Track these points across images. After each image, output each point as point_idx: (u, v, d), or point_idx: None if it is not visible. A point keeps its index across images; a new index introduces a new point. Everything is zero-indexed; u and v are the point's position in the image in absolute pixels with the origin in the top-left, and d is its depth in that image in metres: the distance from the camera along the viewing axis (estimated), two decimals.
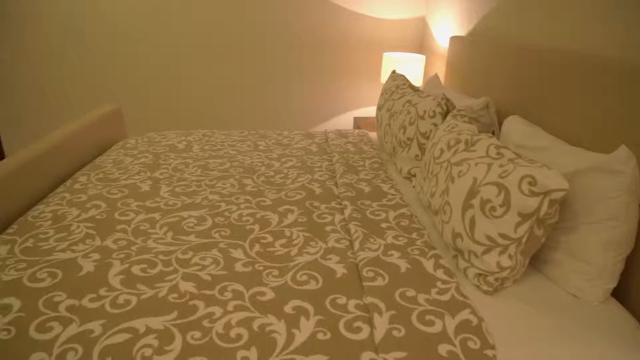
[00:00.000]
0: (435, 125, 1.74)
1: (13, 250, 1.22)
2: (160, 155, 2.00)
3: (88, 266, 1.15)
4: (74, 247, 1.24)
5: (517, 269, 1.12)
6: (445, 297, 1.05)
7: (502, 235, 1.09)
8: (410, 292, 1.07)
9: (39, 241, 1.27)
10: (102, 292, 1.05)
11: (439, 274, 1.14)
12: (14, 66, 3.15)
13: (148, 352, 0.88)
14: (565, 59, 1.48)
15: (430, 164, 1.47)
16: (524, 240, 1.08)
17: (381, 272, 1.14)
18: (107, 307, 1.00)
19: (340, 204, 1.56)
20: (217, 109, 3.34)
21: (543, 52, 1.61)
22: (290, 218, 1.45)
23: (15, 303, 1.01)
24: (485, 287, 1.13)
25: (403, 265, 1.17)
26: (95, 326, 0.94)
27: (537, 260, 1.24)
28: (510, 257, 1.09)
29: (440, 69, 2.87)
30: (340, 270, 1.17)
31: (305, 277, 1.13)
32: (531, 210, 1.04)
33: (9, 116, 3.30)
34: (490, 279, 1.12)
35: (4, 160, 1.56)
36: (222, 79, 3.25)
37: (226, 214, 1.46)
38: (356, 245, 1.26)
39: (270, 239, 1.32)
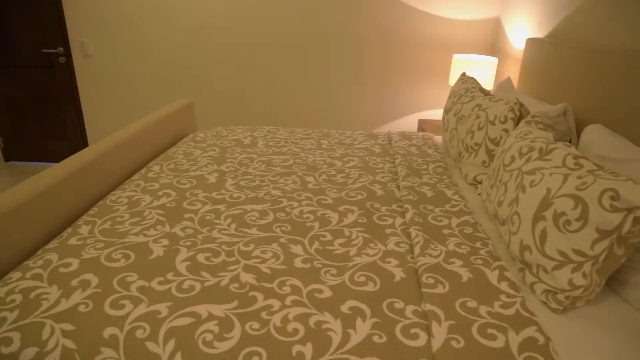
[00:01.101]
0: (506, 131, 1.66)
1: (93, 231, 1.32)
2: (227, 149, 2.08)
3: (158, 251, 1.22)
4: (146, 232, 1.32)
5: (592, 289, 1.05)
6: (509, 312, 1.00)
7: (577, 252, 1.02)
8: (472, 303, 1.03)
9: (115, 224, 1.36)
10: (169, 276, 1.11)
11: (504, 286, 1.09)
12: (104, 62, 3.41)
13: (209, 337, 0.92)
14: None
15: (499, 172, 1.40)
16: (601, 258, 1.00)
17: (441, 279, 1.11)
18: (174, 291, 1.05)
19: (402, 207, 1.53)
20: (282, 107, 3.41)
21: (631, 56, 1.48)
22: (350, 218, 1.44)
23: (93, 279, 1.09)
24: (554, 305, 1.06)
25: (465, 274, 1.13)
26: (162, 308, 0.99)
27: (614, 280, 1.15)
28: (584, 275, 1.02)
29: (513, 73, 2.74)
30: (398, 274, 1.15)
31: (363, 278, 1.12)
32: (612, 226, 0.97)
33: (93, 107, 3.58)
34: (560, 296, 1.05)
35: (86, 148, 1.69)
36: (288, 78, 3.31)
37: (287, 209, 1.49)
38: (416, 250, 1.24)
39: (329, 237, 1.32)
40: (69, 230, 1.33)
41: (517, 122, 1.67)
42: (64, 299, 1.02)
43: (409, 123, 3.40)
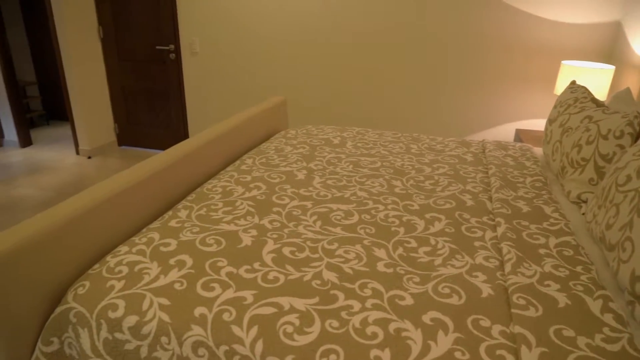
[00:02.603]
0: (622, 147, 1.50)
1: (190, 216, 1.42)
2: (316, 148, 2.12)
3: (247, 240, 1.28)
4: (237, 221, 1.39)
5: None
6: (613, 348, 0.90)
7: None
8: (568, 332, 0.94)
9: (210, 211, 1.45)
10: (256, 265, 1.16)
11: (607, 318, 0.99)
12: (208, 60, 3.66)
13: (290, 329, 0.94)
14: None
15: (610, 191, 1.27)
16: None
17: (534, 302, 1.03)
18: (259, 280, 1.10)
19: (493, 220, 1.45)
20: (372, 109, 3.40)
21: None
22: (437, 226, 1.40)
23: (188, 261, 1.17)
24: None
25: (562, 299, 1.04)
26: (248, 295, 1.04)
27: None
28: None
29: (633, 83, 2.46)
30: (486, 290, 1.09)
31: (447, 290, 1.08)
32: None
33: (196, 101, 3.85)
34: None
35: (189, 139, 1.82)
36: (379, 80, 3.30)
37: (373, 212, 1.48)
38: (507, 267, 1.16)
39: (414, 244, 1.29)
40: (170, 213, 1.45)
41: (635, 138, 1.50)
42: (162, 275, 1.10)
43: (505, 132, 3.21)
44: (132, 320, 0.99)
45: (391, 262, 1.20)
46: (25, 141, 4.32)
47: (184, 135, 4.05)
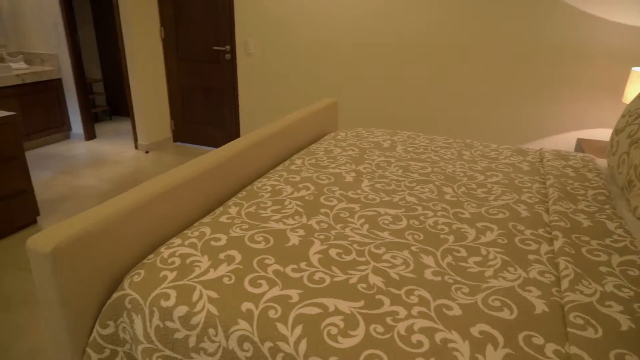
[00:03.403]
0: None
1: (240, 212, 1.45)
2: (366, 151, 2.11)
3: (294, 239, 1.29)
4: (285, 220, 1.40)
5: None
6: None
7: None
8: (632, 358, 0.88)
9: (259, 209, 1.48)
10: (302, 265, 1.17)
11: None
12: (262, 60, 3.74)
13: (334, 330, 0.94)
14: None
15: None
16: None
17: (594, 322, 0.97)
18: (305, 280, 1.10)
19: (550, 234, 1.38)
20: (423, 113, 3.34)
21: None
22: (489, 236, 1.35)
23: (237, 256, 1.20)
24: None
25: (625, 322, 0.98)
26: (294, 294, 1.05)
27: None
28: None
29: None
30: (540, 306, 1.04)
31: (498, 303, 1.04)
32: None
33: (248, 100, 3.94)
34: None
35: (241, 137, 1.86)
36: (432, 84, 3.23)
37: (422, 218, 1.45)
38: (564, 283, 1.10)
39: (464, 253, 1.26)
40: (221, 208, 1.49)
41: None
42: (212, 269, 1.14)
43: (565, 141, 3.05)
44: (182, 310, 1.02)
45: (439, 270, 1.17)
46: (90, 135, 4.60)
47: (236, 134, 4.16)
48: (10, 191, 2.59)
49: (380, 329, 0.95)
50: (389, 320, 0.98)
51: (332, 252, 1.23)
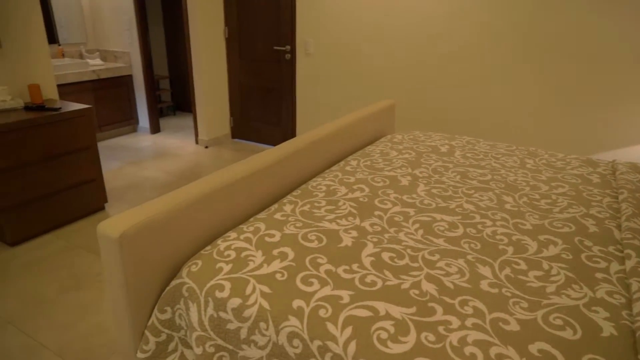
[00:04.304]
0: None
1: (295, 210, 1.47)
2: (423, 155, 2.06)
3: (347, 240, 1.29)
4: (339, 221, 1.41)
5: None
6: None
7: None
8: None
9: (313, 208, 1.49)
10: (354, 267, 1.16)
11: None
12: (321, 61, 3.77)
13: (384, 335, 0.93)
14: None
15: None
16: None
17: None
18: (356, 282, 1.10)
19: (621, 252, 1.29)
20: (484, 118, 3.22)
21: None
22: (552, 251, 1.28)
23: (290, 253, 1.21)
24: None
25: None
26: (345, 295, 1.05)
27: None
28: None
29: None
30: (608, 329, 0.97)
31: (560, 322, 0.98)
32: None
33: (306, 100, 3.98)
34: None
35: (297, 137, 1.88)
36: (494, 88, 3.11)
37: (479, 227, 1.40)
38: (637, 307, 1.02)
39: (523, 266, 1.20)
40: (276, 205, 1.51)
41: None
42: (265, 264, 1.16)
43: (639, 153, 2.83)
44: (235, 302, 1.05)
45: (496, 282, 1.13)
46: (155, 128, 4.84)
47: (291, 133, 4.22)
48: (83, 179, 2.79)
49: (431, 337, 0.93)
50: (441, 329, 0.95)
51: (385, 256, 1.22)
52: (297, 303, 1.03)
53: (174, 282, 1.17)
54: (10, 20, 2.64)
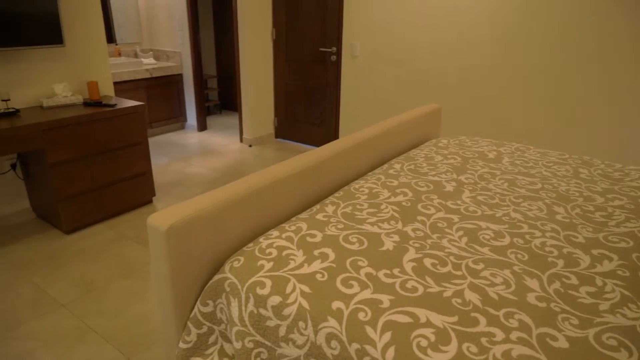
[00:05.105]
0: None
1: (336, 212, 1.47)
2: (469, 160, 2.01)
3: (388, 244, 1.28)
4: (380, 224, 1.39)
5: None
6: None
7: None
8: None
9: (355, 210, 1.49)
10: (395, 271, 1.15)
11: None
12: (366, 63, 3.75)
13: (424, 342, 0.91)
14: None
15: None
16: None
17: None
18: (397, 287, 1.08)
19: None
20: (535, 125, 3.10)
21: None
22: (606, 266, 1.21)
23: (331, 254, 1.21)
24: None
25: None
26: (385, 299, 1.04)
27: None
28: None
29: None
30: None
31: (613, 342, 0.93)
32: None
33: (350, 102, 3.98)
34: None
35: (341, 139, 1.88)
36: (546, 94, 2.98)
37: (527, 237, 1.35)
38: None
39: (574, 281, 1.14)
40: (318, 206, 1.52)
41: None
42: (306, 264, 1.17)
43: None
44: (275, 300, 1.06)
45: (544, 295, 1.08)
46: (202, 126, 4.99)
47: (335, 134, 4.23)
48: (135, 173, 2.91)
49: (474, 348, 0.90)
50: (484, 341, 0.92)
51: (427, 262, 1.19)
52: (336, 304, 1.03)
53: (216, 277, 1.20)
54: (74, 20, 2.80)
